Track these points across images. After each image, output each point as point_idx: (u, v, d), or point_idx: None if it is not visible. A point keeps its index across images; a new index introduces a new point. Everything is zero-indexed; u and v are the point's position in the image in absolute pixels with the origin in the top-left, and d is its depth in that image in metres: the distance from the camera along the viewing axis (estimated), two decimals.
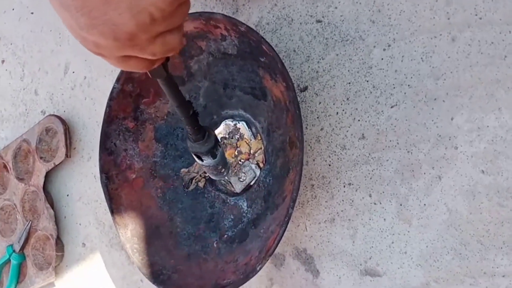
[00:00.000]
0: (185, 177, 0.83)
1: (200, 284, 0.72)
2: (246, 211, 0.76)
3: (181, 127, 0.85)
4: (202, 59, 0.79)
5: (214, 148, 0.61)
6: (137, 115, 0.85)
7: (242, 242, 0.74)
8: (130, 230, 0.82)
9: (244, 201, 0.77)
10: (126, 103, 0.84)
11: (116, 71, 0.89)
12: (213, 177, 0.72)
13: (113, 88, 0.83)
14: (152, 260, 0.79)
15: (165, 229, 0.82)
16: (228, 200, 0.79)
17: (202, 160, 0.62)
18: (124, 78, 0.82)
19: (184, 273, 0.76)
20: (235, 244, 0.75)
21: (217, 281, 0.71)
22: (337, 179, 0.69)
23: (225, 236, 0.77)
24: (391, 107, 0.65)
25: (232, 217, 0.78)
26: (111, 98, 0.83)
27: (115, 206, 0.83)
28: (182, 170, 0.83)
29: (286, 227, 0.63)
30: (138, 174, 0.85)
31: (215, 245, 0.77)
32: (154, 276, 0.77)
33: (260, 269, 0.64)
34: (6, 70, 1.19)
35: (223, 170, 0.66)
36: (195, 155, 0.62)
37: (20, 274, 1.06)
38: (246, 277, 0.66)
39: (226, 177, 0.76)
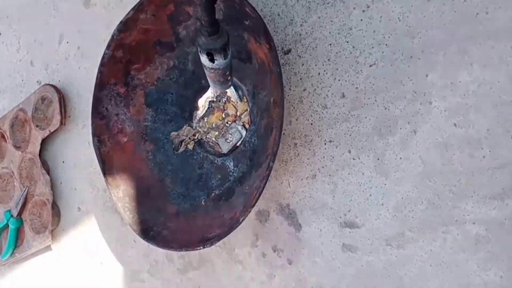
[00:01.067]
0: (175, 140, 0.86)
1: (188, 239, 0.76)
2: (232, 170, 0.79)
3: (171, 92, 0.87)
4: (190, 25, 0.81)
5: (227, 45, 0.56)
6: (127, 81, 0.88)
7: (228, 199, 0.77)
8: (121, 191, 0.85)
9: (230, 161, 0.80)
10: (117, 69, 0.86)
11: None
12: (218, 88, 0.68)
13: (104, 54, 0.85)
14: (142, 218, 0.82)
15: (155, 189, 0.85)
16: (216, 161, 0.82)
17: (213, 61, 0.57)
18: (115, 45, 0.85)
19: (173, 229, 0.79)
20: (222, 201, 0.78)
21: (204, 234, 0.74)
22: (318, 137, 0.72)
23: (213, 194, 0.80)
24: (370, 66, 0.67)
25: (220, 176, 0.81)
26: (102, 64, 0.86)
27: (107, 168, 0.86)
28: (172, 133, 0.86)
29: (267, 180, 0.66)
30: (130, 138, 0.88)
31: (203, 203, 0.80)
32: (145, 232, 0.80)
33: (242, 220, 0.67)
34: (2, 42, 1.21)
35: (230, 77, 0.63)
36: (207, 54, 0.57)
37: (18, 238, 1.09)
38: (230, 229, 0.69)
39: (231, 88, 0.71)
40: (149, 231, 0.80)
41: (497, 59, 0.58)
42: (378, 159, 0.67)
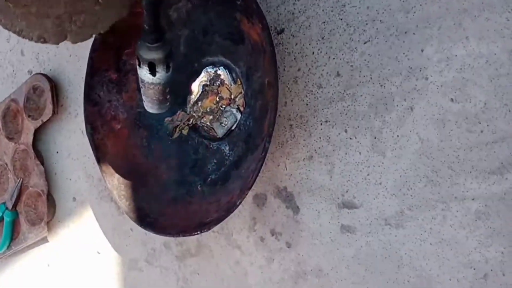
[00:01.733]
0: (169, 126, 0.85)
1: (185, 224, 0.75)
2: (228, 154, 0.78)
3: None
4: (181, 7, 0.80)
5: (170, 56, 0.52)
6: (119, 66, 0.86)
7: (224, 184, 0.76)
8: (116, 179, 0.84)
9: (226, 145, 0.79)
10: (108, 54, 0.85)
11: None
12: (154, 109, 0.65)
13: (95, 40, 0.83)
14: (139, 205, 0.81)
15: (151, 176, 0.84)
16: (211, 146, 0.81)
17: (154, 74, 0.53)
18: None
19: (170, 215, 0.79)
20: (218, 185, 0.77)
21: (201, 220, 0.73)
22: (314, 117, 0.70)
23: (209, 179, 0.79)
24: (364, 43, 0.66)
25: (215, 161, 0.80)
26: (93, 50, 0.84)
27: (101, 156, 0.85)
28: (166, 119, 0.85)
29: (263, 162, 0.65)
30: (123, 125, 0.86)
31: (199, 188, 0.79)
32: (141, 219, 0.79)
33: (240, 203, 0.67)
34: None
35: (169, 96, 0.58)
36: (147, 65, 0.52)
37: (14, 231, 1.08)
38: (228, 212, 0.68)
39: (164, 110, 0.67)
40: (145, 218, 0.79)
41: (492, 31, 0.57)
42: (375, 137, 0.66)
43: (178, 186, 0.82)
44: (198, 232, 0.71)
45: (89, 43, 0.88)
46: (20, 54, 1.12)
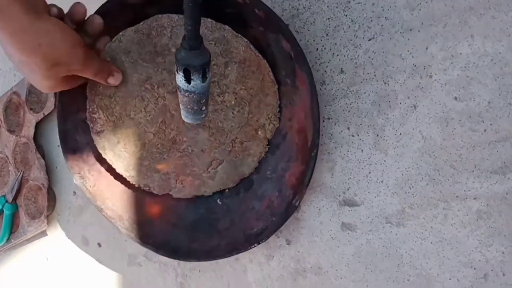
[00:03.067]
0: None
1: (226, 243, 0.74)
2: None
3: None
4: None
5: (207, 66, 0.51)
6: (86, 105, 0.78)
7: (248, 190, 0.75)
8: (126, 220, 0.80)
9: None
10: (77, 94, 0.76)
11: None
12: (185, 118, 0.64)
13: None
14: (163, 239, 0.78)
15: (161, 207, 0.81)
16: None
17: (189, 82, 0.52)
18: None
19: (202, 239, 0.76)
20: (241, 194, 0.75)
21: (245, 232, 0.72)
22: None
23: (226, 191, 0.77)
24: (369, 40, 0.66)
25: None
26: (61, 94, 0.78)
27: (100, 203, 0.80)
28: None
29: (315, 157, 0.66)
30: (109, 164, 0.80)
31: (219, 202, 0.77)
32: (173, 253, 0.77)
33: (299, 203, 0.68)
34: None
35: (204, 108, 0.58)
36: (183, 71, 0.51)
37: (13, 224, 1.08)
38: (287, 216, 0.69)
39: (202, 121, 0.67)
40: (178, 250, 0.77)
41: (498, 29, 0.57)
42: (377, 135, 0.65)
43: (193, 209, 0.79)
44: (255, 245, 0.71)
45: None
46: None
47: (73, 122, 0.80)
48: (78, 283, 1.01)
